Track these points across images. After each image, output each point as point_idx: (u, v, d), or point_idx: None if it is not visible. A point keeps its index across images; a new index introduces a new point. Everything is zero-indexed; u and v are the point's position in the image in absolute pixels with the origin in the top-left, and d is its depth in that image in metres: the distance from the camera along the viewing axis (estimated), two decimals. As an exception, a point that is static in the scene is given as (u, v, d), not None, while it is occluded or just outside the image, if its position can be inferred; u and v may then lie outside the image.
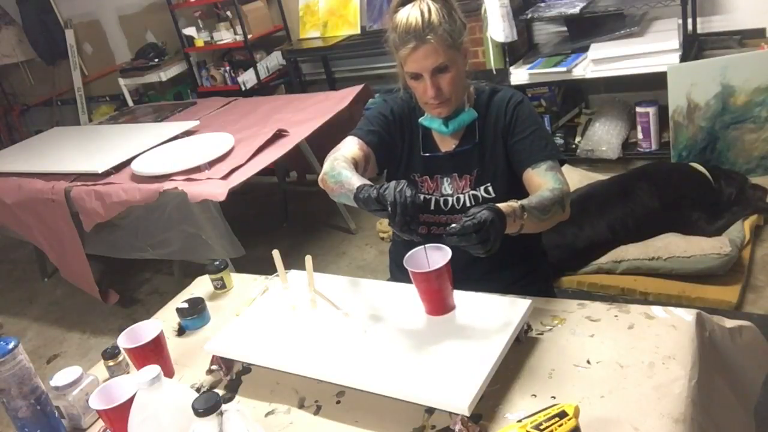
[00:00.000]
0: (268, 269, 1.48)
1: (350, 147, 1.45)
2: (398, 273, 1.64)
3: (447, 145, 1.49)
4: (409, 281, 1.24)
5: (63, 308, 3.40)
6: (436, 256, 1.21)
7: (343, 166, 1.36)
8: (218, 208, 2.47)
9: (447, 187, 1.48)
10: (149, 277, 3.48)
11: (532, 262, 1.57)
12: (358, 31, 3.81)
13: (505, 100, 1.45)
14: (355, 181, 1.26)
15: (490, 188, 1.45)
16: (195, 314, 1.50)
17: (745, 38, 3.02)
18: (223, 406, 0.97)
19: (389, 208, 1.12)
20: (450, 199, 1.47)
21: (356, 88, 3.26)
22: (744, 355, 1.23)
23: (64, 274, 3.22)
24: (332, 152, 1.46)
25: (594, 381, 1.06)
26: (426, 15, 1.30)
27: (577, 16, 3.07)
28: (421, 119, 1.47)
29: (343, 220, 3.44)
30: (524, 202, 1.24)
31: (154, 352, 1.29)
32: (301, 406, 1.17)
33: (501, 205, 1.17)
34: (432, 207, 1.48)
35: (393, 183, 1.15)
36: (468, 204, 1.46)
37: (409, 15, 1.31)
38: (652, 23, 3.12)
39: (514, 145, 1.42)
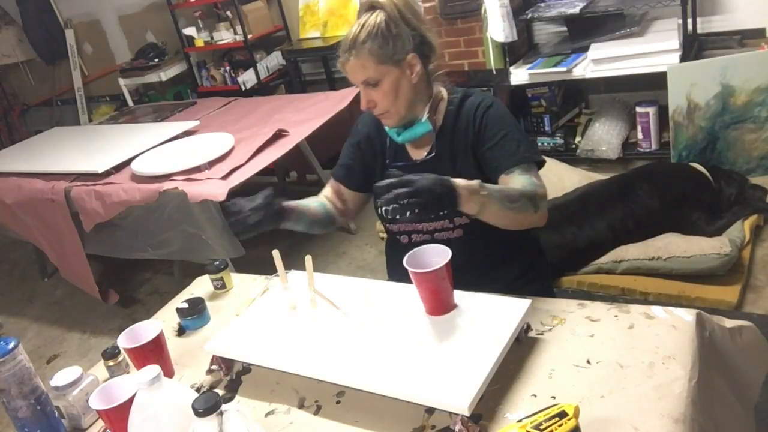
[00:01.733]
0: (268, 269, 1.48)
1: (325, 189, 1.59)
2: (395, 275, 1.64)
3: (418, 153, 1.48)
4: (407, 281, 1.24)
5: (63, 308, 3.40)
6: (435, 257, 1.21)
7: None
8: (218, 208, 2.47)
9: None
10: (149, 277, 3.48)
11: (531, 262, 1.57)
12: (358, 31, 3.81)
13: (473, 107, 1.42)
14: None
15: None
16: (195, 314, 1.50)
17: (745, 38, 3.02)
18: (223, 406, 0.97)
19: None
20: None
21: (356, 88, 3.25)
22: (744, 355, 1.23)
23: (64, 274, 3.22)
24: None
25: (594, 381, 1.06)
26: (356, 31, 1.33)
27: (577, 16, 3.07)
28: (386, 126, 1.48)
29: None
30: (486, 184, 1.22)
31: (154, 352, 1.29)
32: (301, 406, 1.17)
33: (458, 180, 1.17)
34: (407, 215, 1.47)
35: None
36: (441, 212, 1.44)
37: (352, 27, 1.35)
38: (652, 23, 3.12)
39: (485, 153, 1.39)
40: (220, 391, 1.25)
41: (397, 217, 1.17)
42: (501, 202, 1.23)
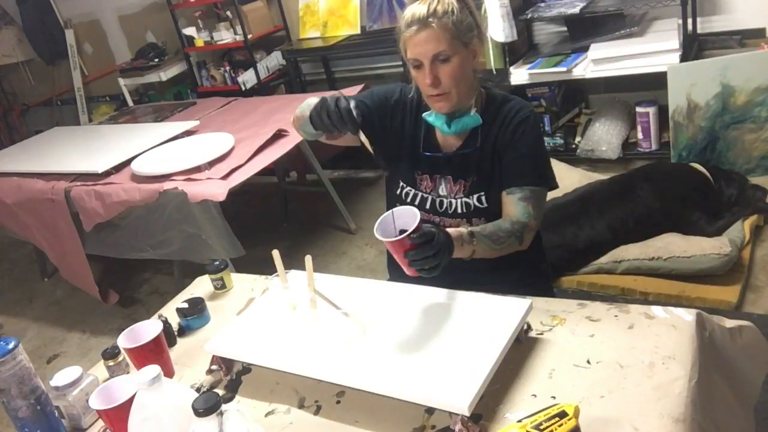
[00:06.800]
0: (268, 269, 1.48)
1: None
2: (396, 275, 1.64)
3: (449, 146, 1.48)
4: (407, 281, 1.24)
5: (63, 308, 3.40)
6: (405, 219, 1.19)
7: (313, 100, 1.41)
8: (218, 208, 2.47)
9: (443, 188, 1.48)
10: (149, 277, 3.48)
11: (531, 262, 1.57)
12: (358, 31, 3.82)
13: (512, 113, 1.42)
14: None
15: (483, 198, 1.44)
16: (195, 314, 1.50)
17: (745, 38, 3.02)
18: (223, 406, 0.97)
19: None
20: (444, 201, 1.47)
21: (356, 88, 3.26)
22: (744, 355, 1.23)
23: (64, 274, 3.22)
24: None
25: (594, 381, 1.06)
26: (434, 4, 1.32)
27: (577, 16, 3.07)
28: (424, 114, 1.46)
29: (343, 220, 3.44)
30: (476, 229, 1.31)
31: (154, 352, 1.29)
32: (301, 406, 1.17)
33: (450, 230, 1.24)
34: (428, 206, 1.48)
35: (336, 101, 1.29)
36: (460, 211, 1.46)
37: (418, 5, 1.34)
38: (652, 23, 3.12)
39: (503, 161, 1.42)
40: (220, 391, 1.25)
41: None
42: (489, 245, 1.32)
